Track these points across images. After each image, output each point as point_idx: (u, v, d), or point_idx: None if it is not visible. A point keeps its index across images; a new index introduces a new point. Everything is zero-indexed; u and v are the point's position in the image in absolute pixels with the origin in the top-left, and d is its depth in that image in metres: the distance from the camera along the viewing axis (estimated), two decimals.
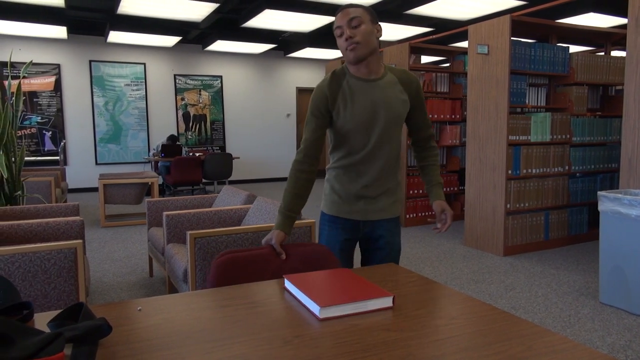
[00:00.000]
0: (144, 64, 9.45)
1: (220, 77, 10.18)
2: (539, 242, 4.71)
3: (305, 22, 7.13)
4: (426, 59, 9.42)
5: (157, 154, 8.28)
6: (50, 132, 8.79)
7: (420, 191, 5.93)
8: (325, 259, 1.65)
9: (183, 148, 8.36)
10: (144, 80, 9.47)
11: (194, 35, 8.87)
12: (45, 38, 8.58)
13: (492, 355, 0.96)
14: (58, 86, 8.80)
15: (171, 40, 8.52)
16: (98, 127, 9.13)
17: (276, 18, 6.85)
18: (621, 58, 5.10)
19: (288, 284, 1.33)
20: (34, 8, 6.60)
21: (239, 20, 7.30)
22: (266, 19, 6.92)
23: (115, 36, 8.10)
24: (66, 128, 8.93)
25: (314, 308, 1.16)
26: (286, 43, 9.41)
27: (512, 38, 4.34)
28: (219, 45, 8.95)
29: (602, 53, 5.48)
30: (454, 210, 6.08)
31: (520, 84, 4.51)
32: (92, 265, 4.30)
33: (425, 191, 5.86)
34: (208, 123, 10.16)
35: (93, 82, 9.06)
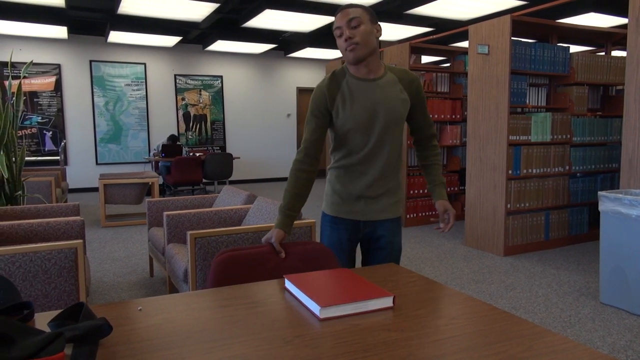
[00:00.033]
0: (145, 64, 9.45)
1: (220, 77, 10.18)
2: (540, 242, 4.71)
3: (305, 22, 7.13)
4: (426, 59, 9.43)
5: (158, 154, 8.28)
6: (50, 132, 8.80)
7: (420, 191, 5.93)
8: (324, 258, 1.65)
9: (183, 148, 8.35)
10: (145, 80, 9.47)
11: (195, 35, 8.87)
12: (45, 38, 8.58)
13: (493, 355, 0.96)
14: (58, 86, 8.81)
15: (171, 40, 8.52)
16: (98, 127, 9.14)
17: (276, 18, 6.86)
18: (622, 58, 5.10)
19: (288, 284, 1.33)
20: (35, 8, 6.61)
21: (240, 20, 7.30)
22: (266, 19, 6.92)
23: (115, 36, 8.10)
24: (66, 128, 8.93)
25: (314, 308, 1.16)
26: (286, 43, 9.41)
27: (513, 38, 4.34)
28: (220, 45, 8.95)
29: (603, 53, 5.48)
30: (455, 210, 6.07)
31: (520, 84, 4.51)
32: (93, 265, 4.31)
33: (425, 191, 5.89)
34: (208, 123, 10.16)
35: (93, 82, 9.06)
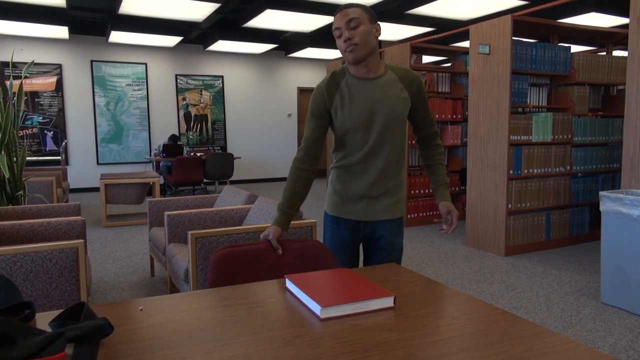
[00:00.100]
0: (145, 64, 9.46)
1: (221, 77, 10.19)
2: (541, 242, 4.71)
3: (306, 22, 7.13)
4: (427, 59, 9.42)
5: (159, 154, 8.28)
6: (51, 132, 8.81)
7: (421, 191, 5.92)
8: (320, 255, 1.66)
9: (184, 148, 8.36)
10: (145, 80, 9.48)
11: (195, 35, 8.87)
12: (46, 38, 8.59)
13: (494, 355, 0.95)
14: (59, 86, 8.81)
15: (172, 40, 8.52)
16: (99, 127, 9.14)
17: (277, 18, 6.86)
18: (623, 58, 5.09)
19: (289, 284, 1.33)
20: (35, 8, 6.61)
21: (240, 20, 7.31)
22: (267, 19, 6.92)
23: (116, 36, 8.11)
24: (67, 128, 8.94)
25: (315, 308, 1.16)
26: (287, 43, 9.41)
27: (514, 38, 4.34)
28: (220, 45, 8.95)
29: (604, 53, 5.47)
30: (457, 211, 6.07)
31: (521, 84, 4.50)
32: (94, 265, 4.31)
33: (426, 191, 5.88)
34: (209, 123, 10.16)
35: (94, 82, 9.07)
